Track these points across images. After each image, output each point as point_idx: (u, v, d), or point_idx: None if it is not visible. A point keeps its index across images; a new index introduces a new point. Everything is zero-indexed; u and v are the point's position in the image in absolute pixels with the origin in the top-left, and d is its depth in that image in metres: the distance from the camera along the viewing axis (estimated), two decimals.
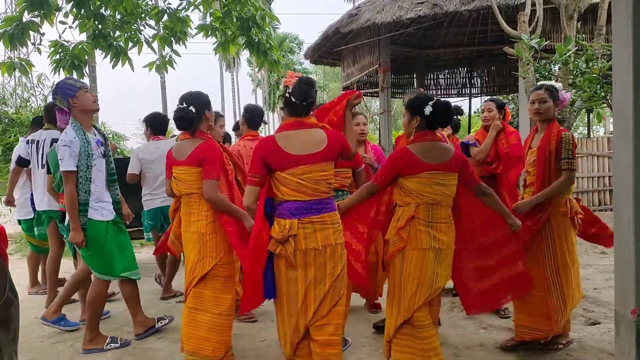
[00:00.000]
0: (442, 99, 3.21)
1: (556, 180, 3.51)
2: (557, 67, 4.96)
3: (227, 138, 5.88)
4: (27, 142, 5.12)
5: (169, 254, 4.71)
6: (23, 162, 5.20)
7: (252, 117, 4.66)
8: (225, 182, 3.44)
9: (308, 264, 2.84)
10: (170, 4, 6.11)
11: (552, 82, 3.73)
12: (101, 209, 3.84)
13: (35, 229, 5.40)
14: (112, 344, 3.93)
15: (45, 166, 4.71)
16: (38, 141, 5.05)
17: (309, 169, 2.83)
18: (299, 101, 2.90)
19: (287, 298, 2.89)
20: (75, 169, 3.69)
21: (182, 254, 3.64)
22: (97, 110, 3.93)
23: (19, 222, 5.60)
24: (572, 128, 5.89)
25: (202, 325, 3.33)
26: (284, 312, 2.92)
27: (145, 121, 5.35)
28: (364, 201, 3.23)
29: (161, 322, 4.28)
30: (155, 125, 5.30)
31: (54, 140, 4.73)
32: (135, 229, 6.19)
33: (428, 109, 3.12)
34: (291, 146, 2.85)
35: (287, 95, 2.91)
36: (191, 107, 3.35)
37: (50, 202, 4.83)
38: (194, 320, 3.35)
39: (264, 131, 40.04)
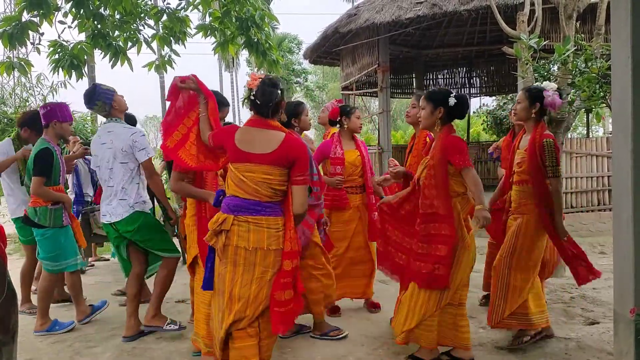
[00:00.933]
0: (459, 93, 3.41)
1: (549, 193, 3.57)
2: (556, 67, 4.95)
3: None
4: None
5: None
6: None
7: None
8: (199, 175, 3.44)
9: (237, 263, 2.85)
10: (169, 3, 6.12)
11: (548, 83, 3.73)
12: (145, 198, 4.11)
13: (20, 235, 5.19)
14: (172, 325, 4.04)
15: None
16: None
17: (252, 168, 2.83)
18: (263, 103, 2.89)
19: (217, 291, 2.94)
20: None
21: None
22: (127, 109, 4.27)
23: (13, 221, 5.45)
24: (571, 128, 5.89)
25: (202, 310, 3.45)
26: (215, 304, 2.96)
27: None
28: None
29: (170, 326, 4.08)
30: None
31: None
32: None
33: (452, 100, 3.31)
34: (243, 142, 2.86)
35: (252, 97, 2.91)
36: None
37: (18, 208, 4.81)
38: (198, 302, 3.50)
39: None
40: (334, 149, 4.44)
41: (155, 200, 5.36)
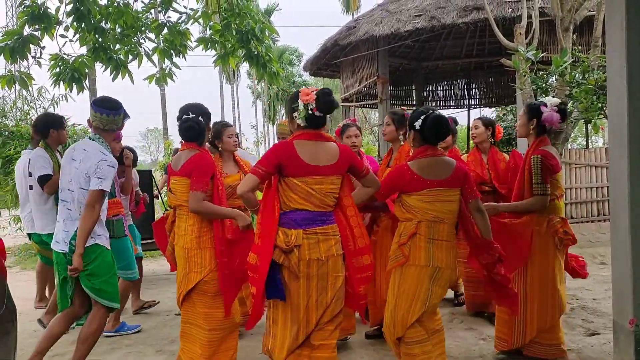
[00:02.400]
0: (434, 113, 3.17)
1: (527, 200, 3.52)
2: (554, 79, 4.99)
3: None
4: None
5: None
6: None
7: None
8: (216, 195, 3.35)
9: (311, 275, 2.84)
10: (170, 17, 6.15)
11: (550, 98, 3.72)
12: (104, 233, 3.55)
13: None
14: None
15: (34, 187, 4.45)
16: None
17: (321, 180, 2.85)
18: (324, 113, 2.91)
19: (290, 307, 2.88)
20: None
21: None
22: None
23: (29, 235, 5.10)
24: (571, 139, 5.91)
25: (196, 340, 3.34)
26: (287, 320, 2.89)
27: None
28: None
29: None
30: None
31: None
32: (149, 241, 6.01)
33: (418, 123, 3.15)
34: (307, 155, 2.85)
35: (310, 111, 2.87)
36: (200, 118, 3.39)
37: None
38: (189, 334, 3.38)
39: (264, 144, 40.10)
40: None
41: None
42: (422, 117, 3.13)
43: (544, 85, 4.77)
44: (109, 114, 3.52)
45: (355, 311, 3.75)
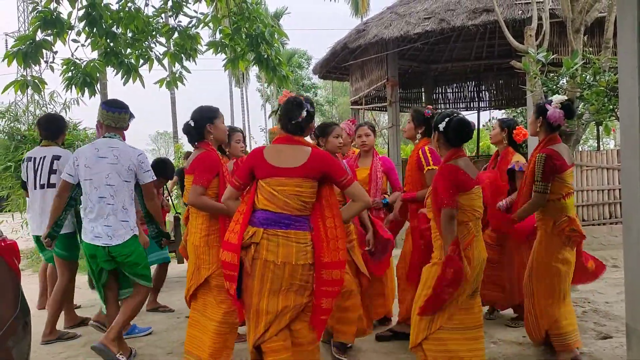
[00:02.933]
0: (458, 116, 3.22)
1: (529, 201, 3.59)
2: (564, 81, 4.96)
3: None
4: (23, 160, 4.74)
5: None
6: (24, 185, 4.82)
7: None
8: (221, 193, 3.40)
9: (265, 277, 2.86)
10: (180, 21, 6.20)
11: (557, 96, 3.75)
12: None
13: (41, 254, 5.14)
14: (123, 358, 3.78)
15: (45, 186, 4.52)
16: (35, 158, 4.63)
17: (284, 182, 2.89)
18: (286, 119, 3.02)
19: (245, 303, 2.97)
20: None
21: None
22: None
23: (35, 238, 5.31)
24: (582, 141, 5.87)
25: (205, 330, 3.41)
26: (246, 315, 3.00)
27: None
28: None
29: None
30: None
31: (56, 158, 4.56)
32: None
33: (442, 125, 3.19)
34: (273, 157, 2.95)
35: (279, 113, 3.06)
36: (190, 122, 3.55)
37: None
38: (199, 323, 3.46)
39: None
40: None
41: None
42: (447, 119, 3.18)
43: (554, 87, 4.75)
44: (120, 112, 3.94)
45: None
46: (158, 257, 5.24)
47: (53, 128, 4.77)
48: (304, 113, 3.00)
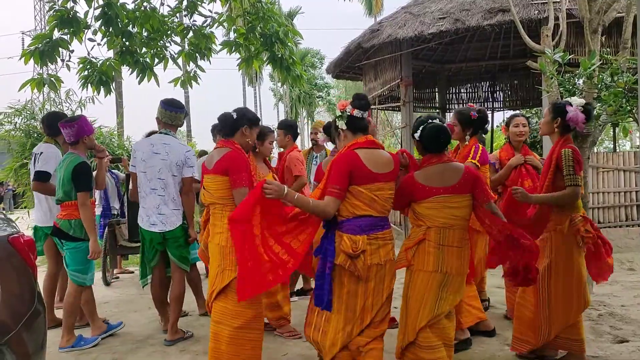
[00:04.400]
0: (432, 123, 3.23)
1: (561, 191, 3.51)
2: (581, 81, 4.91)
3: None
4: (32, 154, 4.93)
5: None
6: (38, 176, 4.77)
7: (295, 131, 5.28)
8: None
9: (369, 278, 2.97)
10: (195, 21, 6.22)
11: (575, 98, 3.70)
12: None
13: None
14: (188, 332, 4.48)
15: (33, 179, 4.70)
16: (35, 154, 4.85)
17: (382, 186, 2.99)
18: (362, 114, 3.06)
19: (346, 307, 2.98)
20: None
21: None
22: None
23: (36, 228, 5.13)
24: (598, 142, 5.80)
25: (222, 338, 3.33)
26: (340, 320, 2.97)
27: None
28: None
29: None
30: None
31: (38, 154, 4.76)
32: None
33: (417, 133, 3.25)
34: (370, 163, 2.98)
35: (349, 115, 3.05)
36: (233, 113, 3.51)
37: (45, 217, 4.81)
38: (216, 333, 3.37)
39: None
40: None
41: None
42: (421, 127, 3.23)
43: (571, 87, 4.70)
44: (177, 112, 4.37)
45: None
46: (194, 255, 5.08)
47: (53, 125, 4.76)
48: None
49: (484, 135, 4.81)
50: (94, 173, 4.59)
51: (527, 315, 3.69)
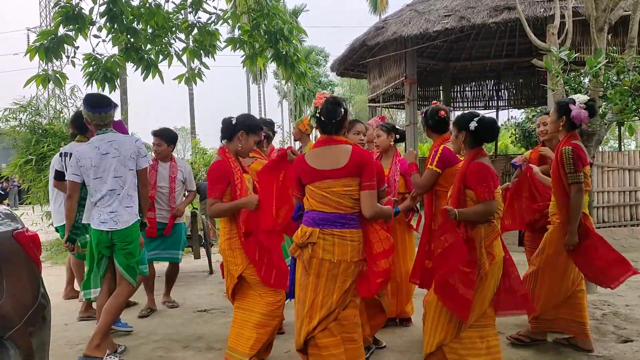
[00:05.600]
0: (486, 116, 3.31)
1: (570, 199, 3.61)
2: (587, 80, 4.88)
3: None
4: (61, 154, 4.88)
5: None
6: (60, 176, 4.88)
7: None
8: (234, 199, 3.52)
9: (321, 274, 2.97)
10: (200, 18, 6.23)
11: (579, 95, 3.74)
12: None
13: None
14: (112, 357, 3.79)
15: None
16: (71, 154, 4.66)
17: (332, 184, 2.97)
18: (327, 120, 3.06)
19: (297, 300, 3.07)
20: None
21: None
22: None
23: (57, 229, 5.42)
24: (603, 141, 5.77)
25: (247, 324, 3.50)
26: (296, 313, 3.09)
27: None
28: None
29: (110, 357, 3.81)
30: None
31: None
32: None
33: (473, 124, 3.23)
34: (317, 162, 3.02)
35: (317, 115, 3.11)
36: (233, 119, 3.65)
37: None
38: (241, 319, 3.56)
39: (289, 143, 40.32)
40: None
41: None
42: (476, 119, 3.23)
43: (577, 86, 4.68)
44: (106, 112, 3.89)
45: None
46: (170, 255, 5.33)
47: (83, 125, 4.70)
48: (342, 111, 3.06)
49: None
50: None
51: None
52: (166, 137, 5.25)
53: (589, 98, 3.70)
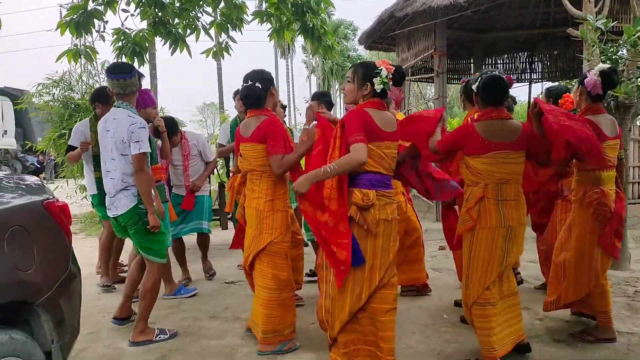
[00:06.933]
0: (490, 73, 3.25)
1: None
2: (625, 50, 4.70)
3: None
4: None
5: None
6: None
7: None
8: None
9: (377, 235, 2.96)
10: None
11: (601, 65, 3.56)
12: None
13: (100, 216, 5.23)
14: (161, 335, 3.81)
15: None
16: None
17: (390, 145, 3.03)
18: (397, 85, 3.15)
19: (354, 268, 2.96)
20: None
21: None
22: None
23: (91, 198, 5.28)
24: None
25: (259, 299, 3.53)
26: (348, 281, 2.97)
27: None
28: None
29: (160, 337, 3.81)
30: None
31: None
32: None
33: (475, 85, 3.23)
34: (380, 122, 2.99)
35: (387, 80, 3.00)
36: (257, 84, 3.50)
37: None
38: (257, 296, 3.58)
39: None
40: None
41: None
42: (479, 78, 3.23)
43: (614, 56, 4.51)
44: (126, 78, 3.62)
45: None
46: (193, 227, 5.32)
47: (95, 94, 4.78)
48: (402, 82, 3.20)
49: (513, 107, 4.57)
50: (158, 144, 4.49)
51: (554, 278, 3.75)
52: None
53: (608, 66, 3.53)
